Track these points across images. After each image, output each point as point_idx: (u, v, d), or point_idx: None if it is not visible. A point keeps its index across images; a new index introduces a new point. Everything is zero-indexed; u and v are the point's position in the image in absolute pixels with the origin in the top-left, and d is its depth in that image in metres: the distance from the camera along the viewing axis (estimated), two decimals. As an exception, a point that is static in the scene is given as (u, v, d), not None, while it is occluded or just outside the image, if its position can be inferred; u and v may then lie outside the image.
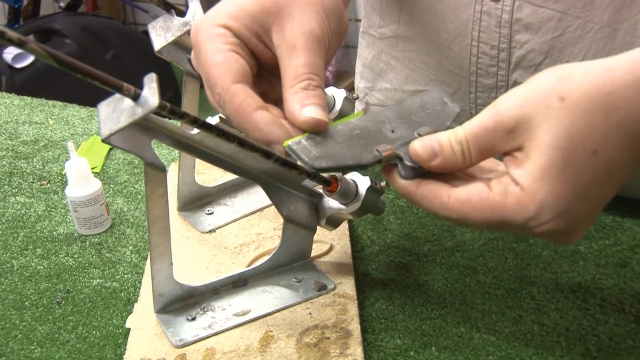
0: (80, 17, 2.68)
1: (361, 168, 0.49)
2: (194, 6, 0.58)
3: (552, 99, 0.43)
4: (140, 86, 0.46)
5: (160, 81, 0.49)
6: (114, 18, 2.90)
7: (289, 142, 0.48)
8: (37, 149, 0.86)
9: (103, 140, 0.46)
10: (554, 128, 0.43)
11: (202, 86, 0.64)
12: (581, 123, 0.43)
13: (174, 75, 2.59)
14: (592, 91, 0.43)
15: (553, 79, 0.44)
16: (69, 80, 2.40)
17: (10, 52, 2.29)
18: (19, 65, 2.29)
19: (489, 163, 0.49)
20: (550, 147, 0.43)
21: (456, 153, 0.46)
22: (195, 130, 0.51)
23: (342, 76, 3.08)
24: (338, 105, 0.72)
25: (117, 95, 0.46)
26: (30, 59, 2.32)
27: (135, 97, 0.46)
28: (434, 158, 0.47)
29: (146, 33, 0.58)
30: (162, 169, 0.51)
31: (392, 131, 0.50)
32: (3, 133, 0.90)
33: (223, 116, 0.54)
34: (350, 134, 0.49)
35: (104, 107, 0.47)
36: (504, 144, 0.45)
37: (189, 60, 0.62)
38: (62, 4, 2.77)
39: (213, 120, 0.51)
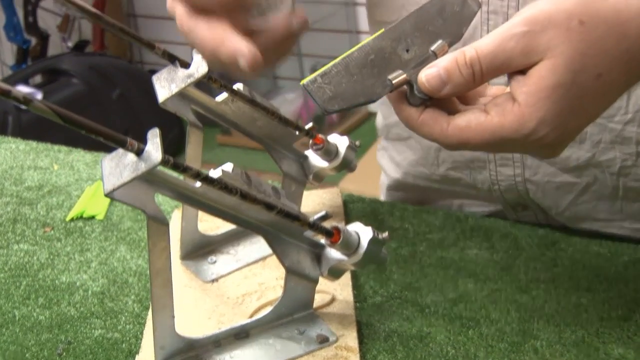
0: (87, 57, 2.72)
1: (372, 102, 0.50)
2: (198, 59, 0.59)
3: (572, 21, 0.46)
4: (145, 124, 0.46)
5: (164, 119, 0.50)
6: (121, 57, 2.93)
7: (305, 81, 0.49)
8: (41, 194, 0.86)
9: (106, 195, 0.47)
10: (571, 51, 0.46)
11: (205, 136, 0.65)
12: (595, 47, 0.46)
13: (179, 114, 2.60)
14: (609, 18, 0.46)
15: (574, 2, 0.47)
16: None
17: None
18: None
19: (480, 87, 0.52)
20: (564, 67, 0.46)
21: (465, 76, 0.48)
22: (198, 183, 0.52)
23: (347, 114, 3.09)
24: (341, 153, 0.72)
25: (121, 150, 0.47)
26: (38, 99, 2.34)
27: (139, 152, 0.46)
28: (443, 87, 0.49)
29: (152, 72, 0.59)
30: (164, 223, 0.51)
31: (407, 50, 0.51)
32: (8, 178, 0.90)
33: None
34: (365, 61, 0.50)
35: (108, 161, 0.48)
36: (518, 63, 0.47)
37: (193, 111, 0.63)
38: (69, 44, 2.80)
39: (215, 173, 0.52)
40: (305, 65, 3.02)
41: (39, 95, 2.34)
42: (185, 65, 0.59)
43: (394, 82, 0.50)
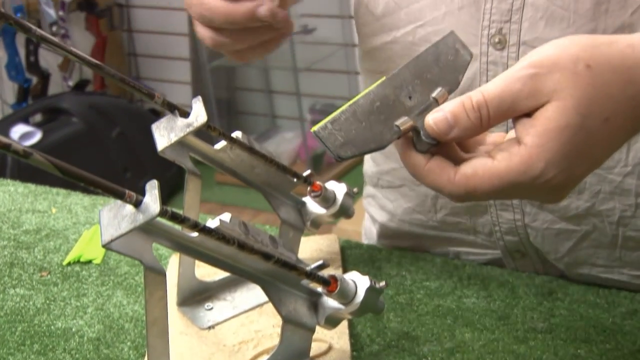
0: (88, 96, 2.73)
1: (383, 148, 0.50)
2: (197, 107, 0.59)
3: (579, 65, 0.46)
4: (144, 163, 0.46)
5: (163, 158, 0.50)
6: (121, 96, 2.95)
7: (316, 127, 0.49)
8: (39, 238, 0.86)
9: (104, 246, 0.47)
10: (579, 93, 0.46)
11: (204, 184, 0.65)
12: (602, 92, 0.46)
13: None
14: (616, 63, 0.47)
15: (581, 47, 0.47)
16: (73, 160, 2.43)
17: (17, 131, 2.33)
18: (25, 144, 2.31)
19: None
20: (572, 109, 0.46)
21: (472, 120, 0.48)
22: (195, 233, 0.52)
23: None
24: (339, 200, 0.73)
25: (119, 201, 0.47)
26: (37, 138, 2.35)
27: (137, 204, 0.46)
28: (450, 131, 0.49)
29: (152, 111, 0.59)
30: (161, 273, 0.51)
31: (410, 97, 0.52)
32: (6, 222, 0.90)
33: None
34: (371, 108, 0.50)
35: (106, 212, 0.48)
36: (525, 105, 0.47)
37: (191, 159, 0.63)
38: (70, 83, 2.82)
39: (213, 223, 0.52)
40: (304, 104, 3.04)
41: (38, 135, 2.35)
42: (185, 114, 0.60)
43: (401, 128, 0.50)
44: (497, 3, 0.67)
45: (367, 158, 0.89)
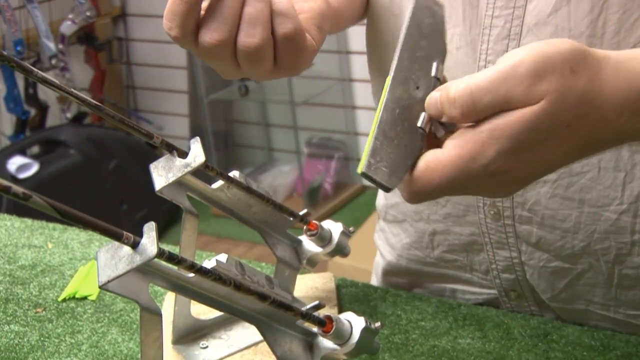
0: (85, 128, 2.74)
1: (419, 156, 0.50)
2: (196, 148, 0.60)
3: (565, 68, 0.47)
4: (140, 195, 0.47)
5: None
6: (118, 128, 2.96)
7: (362, 169, 0.48)
8: (34, 273, 0.86)
9: (100, 287, 0.47)
10: (557, 96, 0.47)
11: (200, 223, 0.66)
12: (576, 98, 0.47)
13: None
14: (592, 72, 0.48)
15: (569, 51, 0.48)
16: (70, 192, 2.44)
17: (14, 163, 2.33)
18: (22, 176, 2.32)
19: None
20: (545, 114, 0.46)
21: (453, 114, 0.48)
22: (192, 274, 0.52)
23: (341, 187, 3.11)
24: (335, 239, 0.73)
25: (117, 243, 0.47)
26: (34, 169, 2.35)
27: (134, 245, 0.47)
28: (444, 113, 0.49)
29: (149, 144, 0.59)
30: (157, 313, 0.51)
31: (417, 87, 0.52)
32: (2, 257, 0.90)
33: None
34: (395, 119, 0.50)
35: (103, 253, 0.48)
36: (517, 104, 0.47)
37: (189, 197, 0.64)
38: (68, 115, 2.83)
39: (210, 263, 0.52)
40: (301, 137, 3.06)
41: (35, 167, 2.35)
42: (183, 154, 0.60)
43: (425, 128, 0.51)
44: (492, 44, 0.68)
45: (380, 190, 0.90)
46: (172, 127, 3.17)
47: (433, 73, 0.53)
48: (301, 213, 0.71)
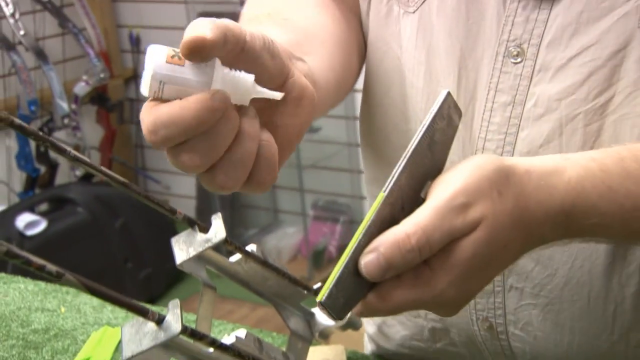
0: (93, 187, 2.77)
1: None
2: (217, 224, 0.61)
3: (494, 192, 0.50)
4: (144, 253, 0.48)
5: (164, 248, 0.50)
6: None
7: (322, 299, 0.50)
8: (47, 338, 0.87)
9: (124, 362, 0.48)
10: (492, 220, 0.49)
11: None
12: (508, 219, 0.50)
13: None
14: (517, 190, 0.51)
15: (492, 171, 0.51)
16: (76, 249, 2.45)
17: (23, 220, 2.35)
18: (30, 233, 2.34)
19: None
20: (484, 242, 0.49)
21: (409, 259, 0.49)
22: (212, 349, 0.53)
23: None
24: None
25: (141, 318, 0.49)
26: (42, 227, 2.37)
27: (159, 322, 0.48)
28: (385, 273, 0.50)
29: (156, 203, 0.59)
30: (177, 387, 0.52)
31: (402, 208, 0.52)
32: (15, 320, 0.91)
33: None
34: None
35: (128, 328, 0.49)
36: (458, 234, 0.50)
37: (207, 271, 0.65)
38: (77, 173, 2.86)
39: (229, 339, 0.53)
40: (307, 200, 3.08)
41: (43, 224, 2.37)
42: (204, 229, 0.62)
43: None
44: (491, 135, 0.69)
45: None
46: (179, 187, 3.20)
47: (422, 194, 0.53)
48: (315, 287, 0.72)
